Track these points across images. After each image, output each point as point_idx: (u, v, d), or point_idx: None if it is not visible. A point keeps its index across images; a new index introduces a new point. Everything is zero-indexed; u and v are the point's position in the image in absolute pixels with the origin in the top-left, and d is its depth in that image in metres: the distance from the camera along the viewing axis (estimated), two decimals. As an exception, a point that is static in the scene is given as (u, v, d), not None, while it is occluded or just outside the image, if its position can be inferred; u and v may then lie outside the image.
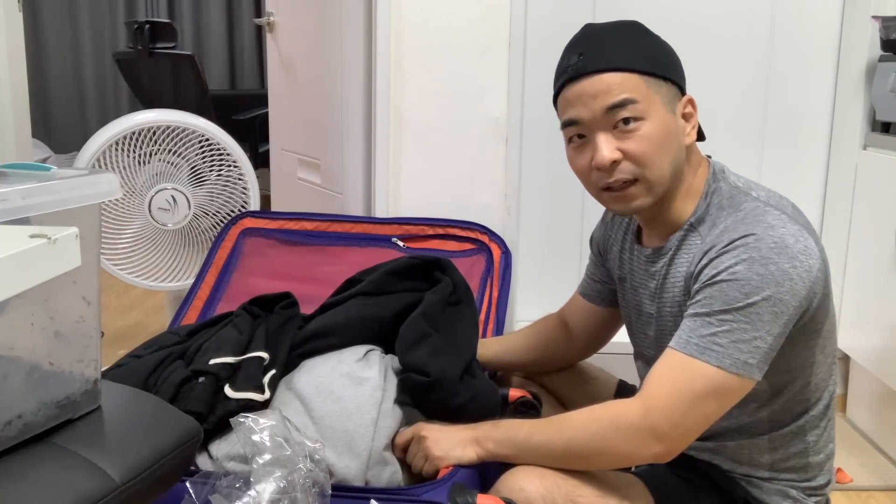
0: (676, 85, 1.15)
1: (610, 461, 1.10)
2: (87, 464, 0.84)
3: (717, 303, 1.05)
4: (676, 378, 1.06)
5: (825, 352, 1.16)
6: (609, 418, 1.08)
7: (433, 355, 1.27)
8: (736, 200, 1.14)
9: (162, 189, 2.19)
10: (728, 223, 1.11)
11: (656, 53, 1.15)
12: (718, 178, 1.18)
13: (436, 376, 1.23)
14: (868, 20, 2.10)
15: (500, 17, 2.01)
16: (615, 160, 1.11)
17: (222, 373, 1.25)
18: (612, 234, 1.35)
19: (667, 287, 1.19)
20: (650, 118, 1.11)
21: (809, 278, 1.05)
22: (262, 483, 1.02)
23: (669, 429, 1.04)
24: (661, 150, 1.12)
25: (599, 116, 1.11)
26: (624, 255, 1.31)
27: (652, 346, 1.23)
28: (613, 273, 1.36)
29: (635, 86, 1.10)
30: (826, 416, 1.20)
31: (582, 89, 1.12)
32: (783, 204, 1.13)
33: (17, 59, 2.43)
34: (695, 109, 1.17)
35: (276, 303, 1.46)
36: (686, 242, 1.17)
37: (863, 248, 2.12)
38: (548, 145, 2.22)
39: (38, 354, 0.87)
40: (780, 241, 1.05)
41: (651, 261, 1.23)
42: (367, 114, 2.12)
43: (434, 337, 1.30)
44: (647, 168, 1.12)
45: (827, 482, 1.21)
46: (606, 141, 1.11)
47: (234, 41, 5.50)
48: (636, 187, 1.13)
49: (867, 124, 2.16)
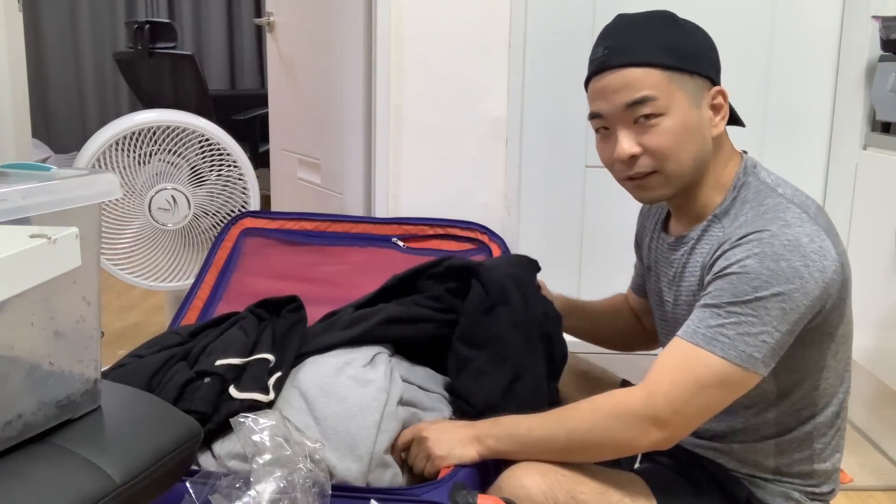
0: (706, 77, 1.15)
1: (611, 450, 1.10)
2: (87, 464, 0.84)
3: (726, 295, 1.05)
4: (681, 366, 1.06)
5: (837, 357, 1.15)
6: (610, 406, 1.08)
7: (475, 379, 1.29)
8: (761, 195, 1.14)
9: (162, 189, 2.19)
10: (748, 217, 1.12)
11: (684, 46, 1.15)
12: (749, 173, 1.18)
13: (481, 406, 1.26)
14: (868, 20, 2.10)
15: (500, 17, 2.01)
16: (634, 154, 1.13)
17: (228, 374, 1.25)
18: (647, 223, 1.36)
19: (685, 276, 1.19)
20: (671, 113, 1.12)
21: (823, 279, 1.04)
22: (262, 483, 1.02)
23: (670, 415, 1.05)
24: (681, 144, 1.13)
25: (620, 111, 1.13)
26: (652, 244, 1.31)
27: (671, 334, 1.23)
28: (645, 262, 1.36)
29: (656, 81, 1.11)
30: (835, 424, 1.18)
31: (605, 83, 1.14)
32: (807, 203, 1.13)
33: (17, 59, 2.43)
34: (725, 100, 1.17)
35: (282, 306, 1.46)
36: (708, 233, 1.17)
37: (863, 248, 2.12)
38: (548, 145, 2.22)
39: (38, 354, 0.87)
40: (795, 240, 1.05)
41: (673, 249, 1.23)
42: (367, 114, 2.12)
43: (475, 360, 1.30)
44: (666, 162, 1.13)
45: (831, 490, 1.21)
46: (626, 136, 1.13)
47: (234, 41, 5.50)
48: (655, 178, 1.15)
49: (867, 124, 2.16)
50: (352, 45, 2.15)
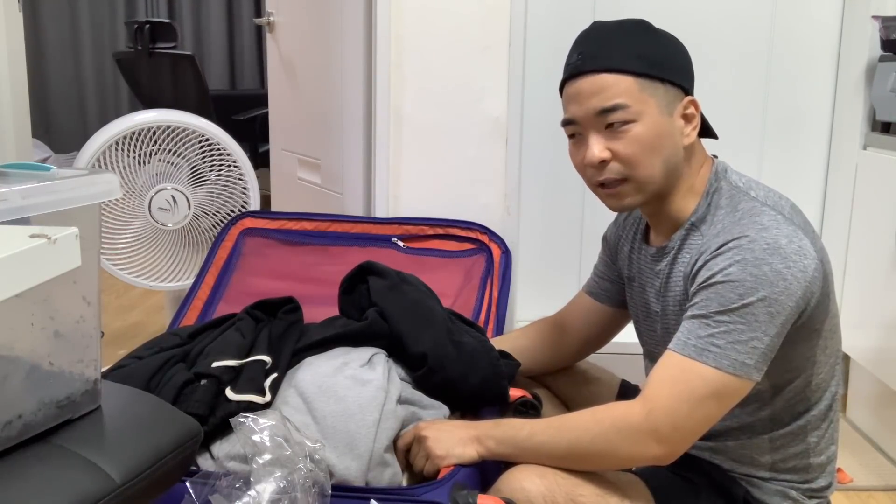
0: (678, 86, 1.16)
1: (611, 462, 1.11)
2: (87, 464, 0.84)
3: (713, 304, 1.06)
4: (676, 380, 1.06)
5: (826, 352, 1.16)
6: (611, 420, 1.08)
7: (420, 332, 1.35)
8: (734, 200, 1.15)
9: (162, 189, 2.19)
10: (725, 224, 1.12)
11: (657, 54, 1.15)
12: (720, 178, 1.18)
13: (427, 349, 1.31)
14: (868, 20, 2.10)
15: (500, 17, 2.01)
16: (604, 160, 1.15)
17: (224, 376, 1.25)
18: (624, 233, 1.36)
19: (670, 286, 1.20)
20: (642, 120, 1.13)
21: (805, 278, 1.05)
22: (262, 483, 1.02)
23: (671, 431, 1.05)
24: (651, 151, 1.13)
25: (592, 117, 1.14)
26: (633, 255, 1.32)
27: (661, 344, 1.23)
28: (623, 272, 1.36)
29: (628, 88, 1.12)
30: (828, 417, 1.20)
31: (578, 88, 1.15)
32: (781, 204, 1.14)
33: (17, 59, 2.43)
34: (697, 110, 1.18)
35: (279, 307, 1.46)
36: (688, 242, 1.18)
37: (863, 248, 2.12)
38: (548, 145, 2.22)
39: (38, 354, 0.87)
40: (774, 243, 1.05)
41: (655, 259, 1.24)
42: (367, 114, 2.12)
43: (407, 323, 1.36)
44: (636, 169, 1.14)
45: (828, 484, 1.21)
46: (597, 140, 1.15)
47: (234, 41, 5.50)
48: (625, 186, 1.16)
49: (867, 124, 2.16)
50: (352, 45, 2.15)
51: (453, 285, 1.90)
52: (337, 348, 1.35)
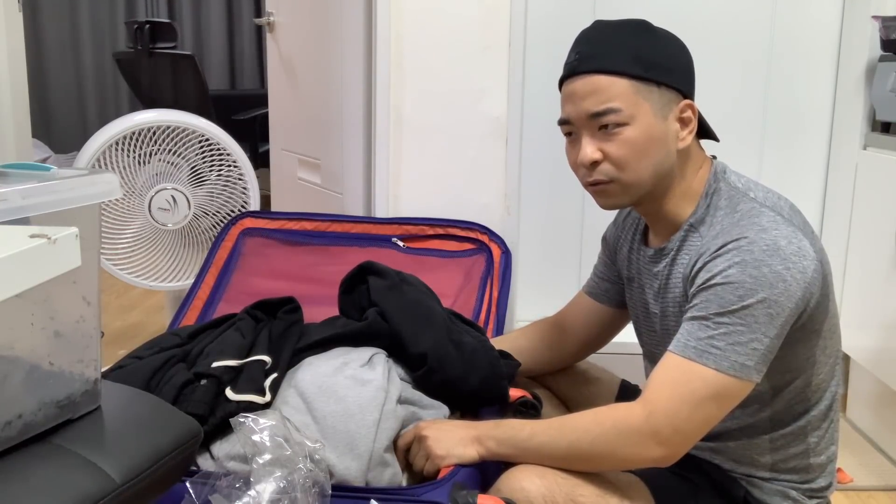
0: (675, 89, 1.16)
1: (611, 464, 1.11)
2: (87, 464, 0.84)
3: (713, 306, 1.06)
4: (676, 382, 1.06)
5: (826, 352, 1.16)
6: (612, 422, 1.08)
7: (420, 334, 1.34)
8: (733, 201, 1.15)
9: (162, 189, 2.19)
10: (724, 225, 1.12)
11: (655, 56, 1.15)
12: (719, 179, 1.18)
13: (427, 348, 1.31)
14: (868, 20, 2.10)
15: (500, 17, 2.01)
16: (595, 161, 1.15)
17: (224, 376, 1.25)
18: (623, 234, 1.36)
19: (669, 287, 1.20)
20: (634, 123, 1.13)
21: (804, 279, 1.05)
22: (262, 483, 1.02)
23: (671, 433, 1.05)
24: (642, 155, 1.14)
25: (585, 119, 1.15)
26: (632, 256, 1.32)
27: (660, 344, 1.23)
28: (622, 273, 1.36)
29: (622, 91, 1.12)
30: (828, 417, 1.20)
31: (573, 88, 1.16)
32: (780, 205, 1.13)
33: (17, 59, 2.43)
34: (694, 115, 1.17)
35: (279, 307, 1.46)
36: (687, 243, 1.17)
37: (863, 248, 2.12)
38: (548, 145, 2.22)
39: (38, 354, 0.87)
40: (773, 244, 1.05)
41: (654, 261, 1.24)
42: (367, 114, 2.12)
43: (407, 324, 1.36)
44: (624, 171, 1.15)
45: (828, 484, 1.21)
46: (590, 141, 1.15)
47: (234, 41, 5.50)
48: (613, 187, 1.17)
49: (867, 124, 2.16)
50: (352, 45, 2.15)
51: (453, 285, 1.90)
52: (337, 348, 1.35)
